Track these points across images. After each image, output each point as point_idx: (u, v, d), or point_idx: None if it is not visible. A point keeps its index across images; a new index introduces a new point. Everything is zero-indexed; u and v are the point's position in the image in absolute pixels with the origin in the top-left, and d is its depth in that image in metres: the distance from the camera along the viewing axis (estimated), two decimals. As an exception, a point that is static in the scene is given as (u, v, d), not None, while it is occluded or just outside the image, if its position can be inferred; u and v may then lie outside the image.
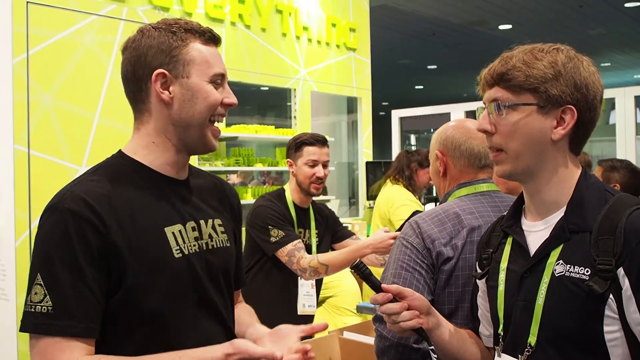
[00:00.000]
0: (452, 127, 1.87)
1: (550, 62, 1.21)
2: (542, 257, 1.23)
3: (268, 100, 8.69)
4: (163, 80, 1.32)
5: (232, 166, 4.90)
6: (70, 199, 1.23)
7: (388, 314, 1.30)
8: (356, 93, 6.50)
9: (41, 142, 3.52)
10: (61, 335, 1.16)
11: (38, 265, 1.20)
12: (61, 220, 1.21)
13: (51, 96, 3.59)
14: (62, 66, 3.66)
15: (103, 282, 1.22)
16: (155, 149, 1.36)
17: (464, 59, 12.11)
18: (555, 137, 1.22)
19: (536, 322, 1.21)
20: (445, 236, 1.68)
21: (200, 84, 1.33)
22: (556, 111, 1.21)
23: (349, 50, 6.37)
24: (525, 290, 1.25)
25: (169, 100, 1.32)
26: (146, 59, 1.32)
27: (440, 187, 1.91)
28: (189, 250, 1.34)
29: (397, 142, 8.03)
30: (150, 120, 1.35)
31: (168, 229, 1.32)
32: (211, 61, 1.35)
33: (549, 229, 1.24)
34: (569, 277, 1.18)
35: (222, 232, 1.45)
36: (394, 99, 15.80)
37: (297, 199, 2.84)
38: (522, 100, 1.21)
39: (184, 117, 1.33)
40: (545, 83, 1.20)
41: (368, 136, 6.70)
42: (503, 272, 1.31)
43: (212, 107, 1.35)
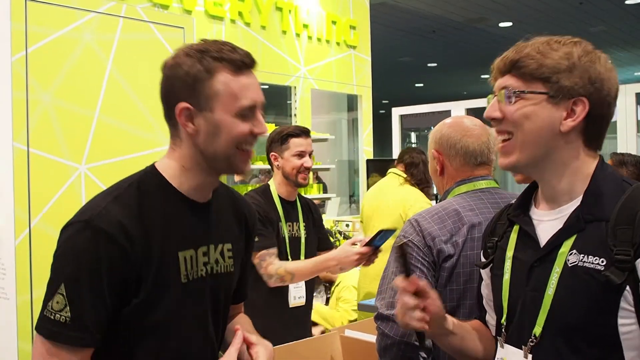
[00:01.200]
0: (447, 125, 1.86)
1: (565, 53, 1.18)
2: (553, 247, 1.19)
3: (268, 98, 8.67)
4: (187, 113, 1.31)
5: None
6: (106, 218, 1.26)
7: (403, 305, 1.27)
8: (356, 91, 6.49)
9: (40, 140, 3.50)
10: (71, 345, 1.23)
11: (64, 277, 1.25)
12: (94, 239, 1.24)
13: (50, 94, 3.58)
14: (61, 64, 3.65)
15: (117, 301, 1.27)
16: (186, 172, 1.37)
17: (465, 56, 12.10)
18: (563, 129, 1.18)
19: (544, 312, 1.18)
20: (446, 233, 1.67)
21: (223, 119, 1.31)
22: (567, 102, 1.18)
23: (349, 47, 6.36)
24: (534, 280, 1.21)
25: (194, 132, 1.32)
26: (174, 90, 1.32)
27: (439, 185, 1.91)
28: (194, 276, 1.37)
29: (398, 140, 8.02)
30: (182, 145, 1.36)
31: (181, 253, 1.35)
32: (239, 94, 1.31)
33: (562, 219, 1.21)
34: (583, 267, 1.14)
35: (230, 257, 1.47)
36: (394, 97, 15.79)
37: (284, 192, 2.85)
38: (533, 88, 1.19)
39: (209, 148, 1.33)
40: (558, 73, 1.17)
41: (368, 134, 6.69)
42: (509, 260, 1.28)
43: (236, 140, 1.33)
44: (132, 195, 1.32)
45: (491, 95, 1.27)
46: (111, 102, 3.81)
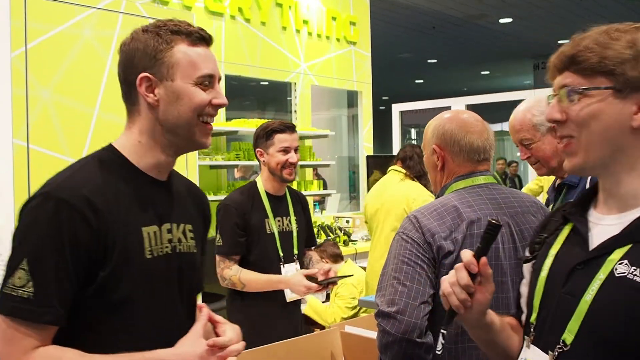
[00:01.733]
0: (448, 120, 1.84)
1: (628, 42, 1.07)
2: (603, 253, 1.08)
3: (268, 95, 8.68)
4: (148, 83, 1.34)
5: (233, 160, 4.89)
6: (67, 189, 1.25)
7: (458, 279, 1.17)
8: (356, 87, 6.48)
9: (40, 137, 3.50)
10: (36, 322, 1.20)
11: (26, 251, 1.22)
12: (55, 209, 1.22)
13: (50, 90, 3.57)
14: (60, 60, 3.64)
15: (82, 274, 1.25)
16: (141, 148, 1.38)
17: (464, 52, 12.09)
18: (636, 124, 1.06)
19: (577, 319, 1.08)
20: (445, 230, 1.67)
21: (184, 87, 1.34)
22: (636, 95, 1.06)
23: (349, 43, 6.35)
24: (573, 283, 1.11)
25: (155, 103, 1.34)
26: (133, 63, 1.34)
27: (436, 180, 1.89)
28: (159, 253, 1.37)
29: (398, 136, 8.01)
30: (140, 120, 1.37)
31: (145, 229, 1.34)
32: (198, 63, 1.35)
33: (621, 225, 1.09)
34: (633, 280, 1.02)
35: (192, 237, 1.48)
36: (394, 93, 15.77)
37: (271, 187, 2.88)
38: (596, 84, 1.08)
39: (170, 118, 1.35)
40: (623, 65, 1.06)
41: (368, 130, 6.69)
42: (551, 257, 1.18)
43: (198, 108, 1.35)
44: (92, 169, 1.32)
45: (551, 95, 1.17)
46: (111, 98, 3.80)
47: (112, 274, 1.27)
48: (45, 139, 3.51)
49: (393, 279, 1.66)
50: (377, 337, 1.69)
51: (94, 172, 1.32)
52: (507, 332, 1.31)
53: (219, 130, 4.83)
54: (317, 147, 6.07)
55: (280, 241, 2.84)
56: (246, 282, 2.74)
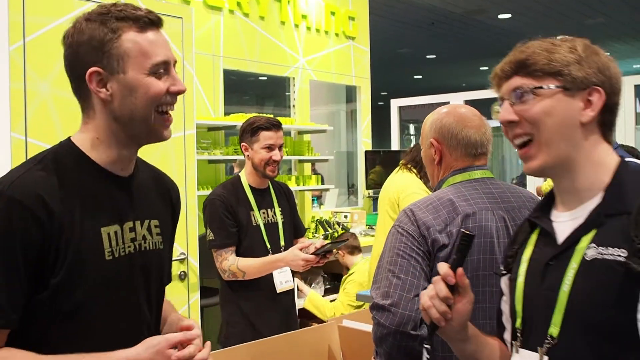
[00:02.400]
0: (446, 114, 1.85)
1: (569, 48, 1.18)
2: (571, 244, 1.15)
3: (266, 89, 8.66)
4: (98, 78, 1.26)
5: (231, 155, 4.89)
6: (18, 187, 1.19)
7: (437, 292, 1.20)
8: (355, 82, 6.48)
9: (39, 130, 3.50)
10: None
11: None
12: (7, 210, 1.16)
13: (48, 84, 3.57)
14: (59, 53, 3.62)
15: (33, 277, 1.20)
16: (100, 145, 1.31)
17: (463, 48, 12.08)
18: (584, 120, 1.16)
19: (559, 311, 1.13)
20: (440, 223, 1.68)
21: (137, 78, 1.25)
22: (582, 93, 1.16)
23: (348, 38, 6.34)
24: (549, 279, 1.16)
25: (108, 97, 1.27)
26: (79, 57, 1.26)
27: (433, 174, 1.91)
28: (121, 253, 1.31)
29: (396, 131, 8.01)
30: (95, 116, 1.30)
31: (104, 229, 1.29)
32: (149, 51, 1.26)
33: (581, 217, 1.17)
34: (602, 259, 1.09)
35: (157, 233, 1.42)
36: (393, 88, 15.76)
37: (254, 181, 2.92)
38: (546, 83, 1.16)
39: (125, 113, 1.27)
40: (569, 66, 1.16)
41: (367, 125, 6.69)
42: (524, 263, 1.24)
43: (154, 99, 1.27)
44: (47, 166, 1.25)
45: (496, 103, 1.24)
46: (109, 92, 3.80)
47: (65, 280, 1.21)
48: (43, 133, 3.51)
49: (388, 272, 1.67)
50: (372, 329, 1.70)
51: (50, 170, 1.24)
52: (491, 347, 1.33)
53: (217, 124, 4.83)
54: (315, 142, 6.07)
55: (266, 233, 2.87)
56: (245, 269, 2.76)
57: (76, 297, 1.23)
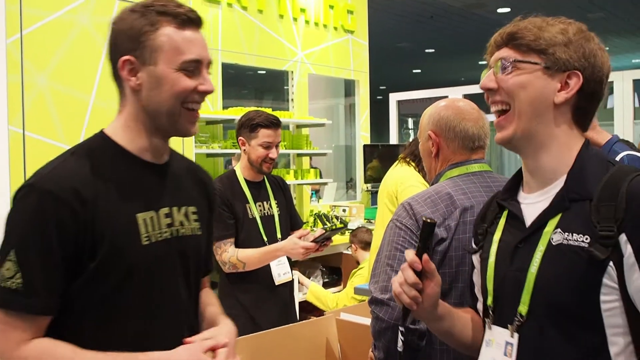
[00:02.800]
0: (444, 107, 1.85)
1: (561, 29, 1.22)
2: (538, 227, 1.22)
3: (265, 83, 8.65)
4: (130, 67, 1.30)
5: (229, 149, 4.88)
6: (51, 179, 1.23)
7: (405, 279, 1.25)
8: (354, 76, 6.47)
9: (36, 124, 3.49)
10: (26, 312, 1.20)
11: (13, 243, 1.22)
12: (39, 200, 1.21)
13: (46, 77, 3.56)
14: (56, 47, 3.62)
15: (71, 265, 1.23)
16: (130, 132, 1.34)
17: (462, 42, 12.06)
18: (557, 100, 1.21)
19: (527, 291, 1.20)
20: (439, 217, 1.68)
21: (166, 72, 1.28)
22: (561, 75, 1.21)
23: (347, 32, 6.33)
24: (518, 261, 1.23)
25: (137, 87, 1.30)
26: (117, 44, 1.31)
27: (430, 168, 1.90)
28: (157, 238, 1.34)
29: (395, 125, 8.00)
30: (127, 104, 1.35)
31: (140, 215, 1.32)
32: (182, 47, 1.29)
33: (547, 200, 1.23)
34: (568, 245, 1.16)
35: (195, 220, 1.45)
36: (391, 82, 15.74)
37: (249, 175, 2.93)
38: (529, 59, 1.21)
39: (152, 104, 1.31)
40: (554, 46, 1.20)
41: (366, 119, 6.68)
42: (495, 243, 1.31)
43: (180, 95, 1.30)
44: (80, 157, 1.30)
45: (486, 70, 1.29)
46: (107, 85, 3.77)
47: (103, 265, 1.24)
48: (41, 126, 3.50)
49: (386, 266, 1.67)
50: (371, 323, 1.70)
51: (83, 162, 1.29)
52: (463, 320, 1.41)
53: (215, 118, 4.82)
54: (314, 136, 6.06)
55: (262, 226, 2.88)
56: (245, 260, 2.76)
57: (114, 282, 1.27)
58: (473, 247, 1.42)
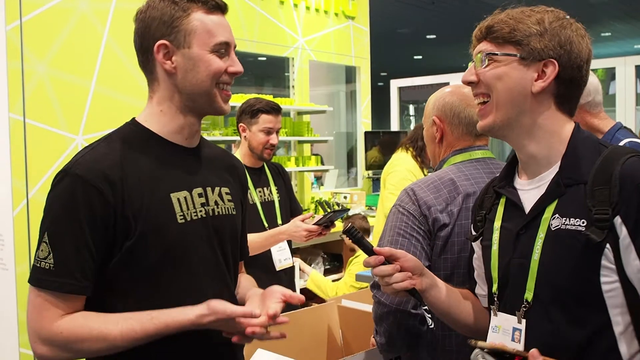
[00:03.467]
0: (449, 93, 1.85)
1: (537, 20, 1.25)
2: (537, 214, 1.24)
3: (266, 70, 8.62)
4: (165, 51, 1.36)
5: (230, 136, 4.88)
6: (81, 164, 1.30)
7: (381, 275, 1.31)
8: (355, 62, 6.45)
9: (37, 111, 3.49)
10: (58, 291, 1.27)
11: (46, 225, 1.30)
12: (70, 185, 1.28)
13: (46, 64, 3.55)
14: (56, 33, 3.61)
15: (103, 245, 1.30)
16: (164, 116, 1.41)
17: (464, 28, 11.99)
18: (535, 89, 1.24)
19: (532, 278, 1.22)
20: (441, 202, 1.68)
21: (201, 54, 1.35)
22: (537, 64, 1.24)
23: (348, 18, 6.30)
24: (520, 248, 1.26)
25: (172, 70, 1.37)
26: (150, 31, 1.37)
27: (434, 154, 1.90)
28: (193, 217, 1.39)
29: (396, 112, 7.98)
30: (159, 89, 1.41)
31: (174, 195, 1.37)
32: (213, 30, 1.36)
33: (543, 186, 1.26)
34: (565, 229, 1.19)
35: (229, 200, 1.50)
36: (392, 69, 15.68)
37: (249, 161, 2.92)
38: (505, 51, 1.25)
39: (188, 86, 1.37)
40: (529, 37, 1.24)
41: (367, 106, 6.66)
42: (497, 231, 1.33)
43: (215, 75, 1.37)
44: (111, 143, 1.37)
45: (470, 63, 1.33)
46: (107, 72, 3.78)
47: (139, 242, 1.30)
48: (41, 113, 3.50)
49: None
50: (373, 308, 1.71)
51: (113, 146, 1.36)
52: (457, 295, 1.45)
53: (216, 105, 4.81)
54: (315, 123, 6.05)
55: (263, 212, 2.88)
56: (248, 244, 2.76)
57: (152, 260, 1.32)
58: (473, 233, 1.44)
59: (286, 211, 3.02)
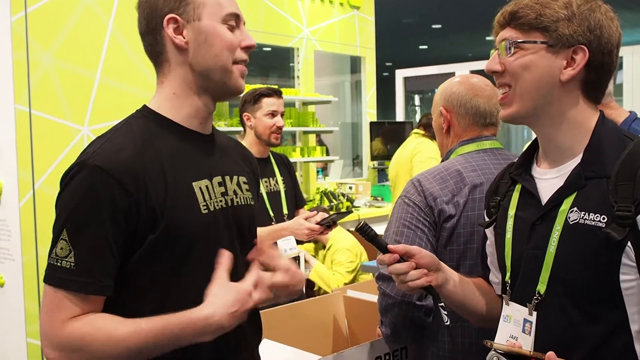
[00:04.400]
0: (457, 82, 1.84)
1: (564, 3, 1.18)
2: (554, 205, 1.20)
3: (271, 60, 8.59)
4: (175, 25, 1.30)
5: (235, 126, 4.87)
6: (100, 156, 1.21)
7: (396, 274, 1.28)
8: (360, 52, 6.42)
9: (42, 102, 3.49)
10: (81, 291, 1.18)
11: (64, 220, 1.20)
12: (89, 177, 1.20)
13: (51, 55, 3.55)
14: (61, 24, 3.60)
15: (126, 242, 1.22)
16: (177, 100, 1.33)
17: (469, 17, 11.93)
18: (564, 78, 1.18)
19: (546, 270, 1.18)
20: (447, 194, 1.67)
21: (212, 25, 1.30)
22: (567, 51, 1.17)
23: (353, 8, 6.27)
24: (536, 238, 1.22)
25: (184, 45, 1.30)
26: (157, 8, 1.31)
27: (442, 144, 1.89)
28: (215, 207, 1.33)
29: (402, 102, 7.96)
30: (171, 70, 1.33)
31: (196, 184, 1.31)
32: (222, 2, 1.31)
33: (563, 176, 1.21)
34: (584, 224, 1.14)
35: (247, 189, 1.45)
36: (398, 59, 15.62)
37: (256, 151, 2.91)
38: (532, 38, 1.19)
39: (202, 62, 1.30)
40: (557, 22, 1.17)
41: (372, 96, 6.64)
42: (511, 219, 1.29)
43: (231, 48, 1.31)
44: (128, 133, 1.29)
45: (493, 50, 1.27)
46: (113, 63, 3.78)
47: (164, 235, 1.23)
48: (47, 104, 3.50)
49: (394, 242, 1.67)
50: (378, 299, 1.71)
51: (130, 136, 1.27)
52: (474, 287, 1.42)
53: (221, 96, 4.81)
54: (320, 113, 6.04)
55: (269, 202, 2.89)
56: None
57: (177, 253, 1.25)
58: (486, 219, 1.41)
59: (292, 202, 3.03)
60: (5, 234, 3.47)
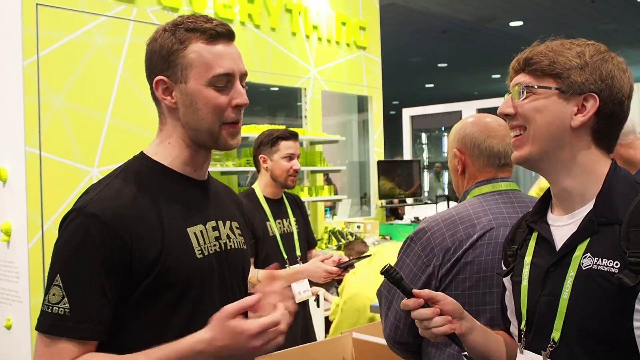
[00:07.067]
0: (470, 123, 1.83)
1: (577, 52, 1.22)
2: (568, 251, 1.20)
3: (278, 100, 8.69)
4: (164, 86, 1.31)
5: (243, 166, 4.89)
6: (96, 203, 1.23)
7: (420, 319, 1.27)
8: (367, 92, 6.48)
9: (52, 144, 3.53)
10: (74, 337, 1.18)
11: (58, 267, 1.21)
12: (84, 224, 1.21)
13: (62, 98, 3.60)
14: (72, 68, 3.67)
15: (120, 287, 1.22)
16: (172, 149, 1.35)
17: (475, 56, 12.06)
18: (574, 124, 1.20)
19: (560, 317, 1.18)
20: (455, 241, 1.66)
21: (197, 89, 1.28)
22: (578, 98, 1.20)
23: (359, 48, 6.35)
24: (550, 285, 1.22)
25: (173, 105, 1.32)
26: (152, 65, 1.33)
27: (458, 185, 1.88)
28: (209, 251, 1.34)
29: (409, 140, 8.00)
30: (166, 122, 1.36)
31: (190, 229, 1.32)
32: (212, 62, 1.28)
33: (576, 223, 1.21)
34: (597, 270, 1.14)
35: (239, 234, 1.46)
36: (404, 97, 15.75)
37: (270, 193, 2.93)
38: (544, 84, 1.22)
39: (191, 121, 1.31)
40: (569, 70, 1.20)
41: (379, 135, 6.67)
42: (527, 266, 1.29)
43: (215, 111, 1.29)
44: (124, 178, 1.30)
45: (507, 95, 1.30)
46: (122, 105, 3.83)
47: (159, 280, 1.24)
48: (57, 146, 3.54)
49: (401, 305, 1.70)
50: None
51: (126, 183, 1.29)
52: (495, 338, 1.40)
53: (229, 136, 4.84)
54: (327, 153, 6.06)
55: (282, 243, 2.87)
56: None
57: (171, 297, 1.26)
58: (503, 268, 1.40)
59: (304, 243, 3.02)
60: (13, 275, 3.47)
